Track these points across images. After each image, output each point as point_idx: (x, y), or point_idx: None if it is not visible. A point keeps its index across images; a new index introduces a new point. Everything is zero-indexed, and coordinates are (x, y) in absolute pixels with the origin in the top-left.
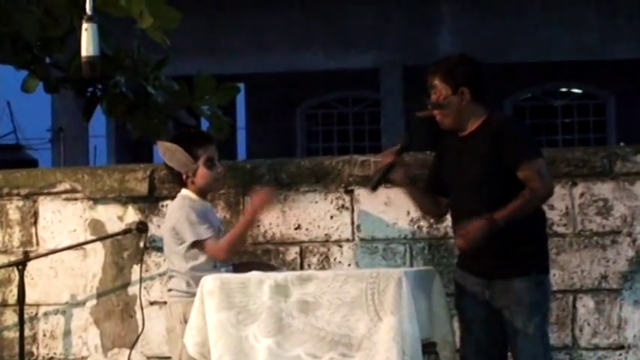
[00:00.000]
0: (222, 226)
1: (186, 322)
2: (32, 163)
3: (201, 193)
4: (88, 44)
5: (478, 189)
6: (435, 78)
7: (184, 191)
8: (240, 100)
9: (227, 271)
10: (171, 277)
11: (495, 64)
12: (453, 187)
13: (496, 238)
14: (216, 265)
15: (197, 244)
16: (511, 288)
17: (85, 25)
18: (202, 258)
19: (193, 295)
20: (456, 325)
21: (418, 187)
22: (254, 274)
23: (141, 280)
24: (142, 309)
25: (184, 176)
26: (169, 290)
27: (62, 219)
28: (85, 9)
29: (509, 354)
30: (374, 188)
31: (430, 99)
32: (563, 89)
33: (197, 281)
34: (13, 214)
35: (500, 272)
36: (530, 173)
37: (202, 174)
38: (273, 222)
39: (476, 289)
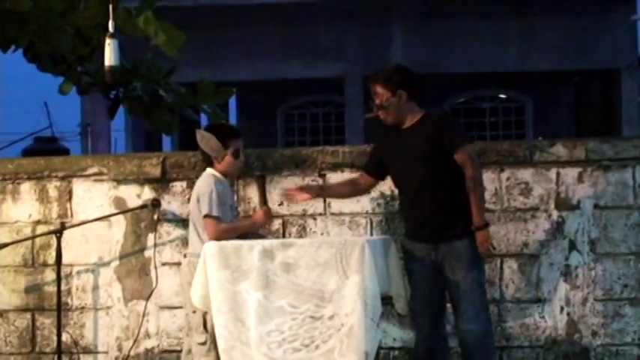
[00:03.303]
0: (234, 203)
1: None
2: (65, 152)
3: (224, 175)
4: (110, 56)
5: (425, 163)
6: (376, 85)
7: (210, 170)
8: (233, 102)
9: None
10: (191, 243)
11: (436, 74)
12: (398, 168)
13: (439, 211)
14: None
15: (205, 217)
16: (453, 247)
17: (107, 41)
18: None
19: None
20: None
21: (327, 190)
22: (246, 241)
23: (155, 245)
24: (155, 268)
25: (214, 160)
26: (185, 255)
27: (91, 196)
28: (107, 28)
29: (448, 305)
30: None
31: (375, 103)
32: (491, 94)
33: None
34: (52, 192)
35: (444, 236)
36: (465, 157)
37: (229, 161)
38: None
39: (423, 252)
